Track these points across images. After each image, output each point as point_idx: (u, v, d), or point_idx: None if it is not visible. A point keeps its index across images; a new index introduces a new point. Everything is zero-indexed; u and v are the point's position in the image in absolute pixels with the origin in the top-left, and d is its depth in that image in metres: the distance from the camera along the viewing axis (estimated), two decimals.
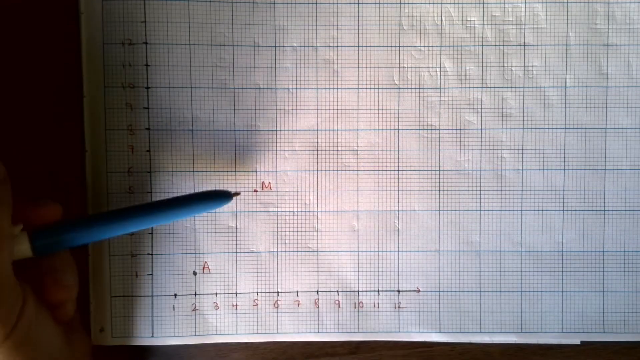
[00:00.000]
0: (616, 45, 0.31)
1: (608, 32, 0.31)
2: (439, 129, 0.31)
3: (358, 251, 0.32)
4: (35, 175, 0.31)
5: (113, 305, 0.31)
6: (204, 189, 0.28)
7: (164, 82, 0.30)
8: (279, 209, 0.31)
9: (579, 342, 0.32)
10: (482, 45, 0.31)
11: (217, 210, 0.31)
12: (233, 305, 0.32)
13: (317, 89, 0.31)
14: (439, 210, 0.32)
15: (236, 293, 0.32)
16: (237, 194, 0.28)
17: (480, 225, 0.32)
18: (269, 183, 0.31)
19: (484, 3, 0.31)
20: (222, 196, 0.27)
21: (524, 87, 0.31)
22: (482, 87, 0.31)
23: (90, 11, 0.30)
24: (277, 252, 0.32)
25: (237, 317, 0.32)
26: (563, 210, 0.32)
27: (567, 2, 0.31)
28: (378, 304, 0.32)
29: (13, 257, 0.22)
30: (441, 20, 0.31)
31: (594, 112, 0.31)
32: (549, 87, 0.31)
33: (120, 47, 0.30)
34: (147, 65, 0.30)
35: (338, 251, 0.32)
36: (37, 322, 0.22)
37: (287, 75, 0.31)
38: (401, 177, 0.31)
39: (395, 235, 0.32)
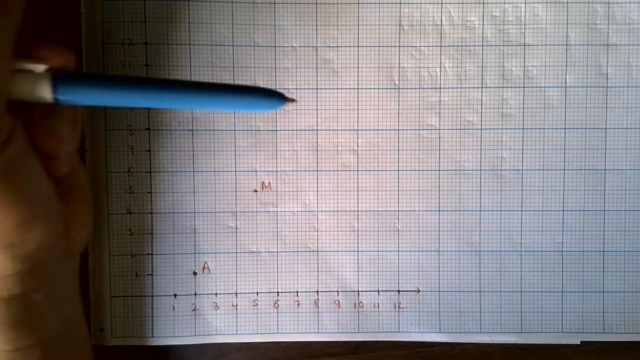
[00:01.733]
0: (616, 45, 0.31)
1: (608, 32, 0.31)
2: (439, 129, 0.31)
3: (358, 251, 0.32)
4: None
5: (113, 305, 0.31)
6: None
7: None
8: (279, 209, 0.31)
9: (579, 342, 0.32)
10: (482, 45, 0.31)
11: (217, 210, 0.31)
12: (233, 305, 0.31)
13: (317, 89, 0.31)
14: (439, 210, 0.32)
15: (236, 293, 0.32)
16: (292, 100, 0.24)
17: (480, 225, 0.32)
18: (269, 183, 0.31)
19: (484, 3, 0.31)
20: (275, 97, 0.23)
21: (524, 87, 0.31)
22: (482, 87, 0.31)
23: (90, 11, 0.30)
24: (277, 252, 0.32)
25: (237, 317, 0.32)
26: (563, 210, 0.32)
27: (567, 2, 0.31)
28: (378, 304, 0.32)
29: (31, 99, 0.20)
30: (441, 20, 0.31)
31: (594, 112, 0.31)
32: (549, 87, 0.31)
33: (120, 47, 0.30)
34: (147, 65, 0.30)
35: (338, 251, 0.32)
36: (24, 161, 0.20)
37: (287, 75, 0.31)
38: (401, 177, 0.31)
39: (395, 235, 0.32)
